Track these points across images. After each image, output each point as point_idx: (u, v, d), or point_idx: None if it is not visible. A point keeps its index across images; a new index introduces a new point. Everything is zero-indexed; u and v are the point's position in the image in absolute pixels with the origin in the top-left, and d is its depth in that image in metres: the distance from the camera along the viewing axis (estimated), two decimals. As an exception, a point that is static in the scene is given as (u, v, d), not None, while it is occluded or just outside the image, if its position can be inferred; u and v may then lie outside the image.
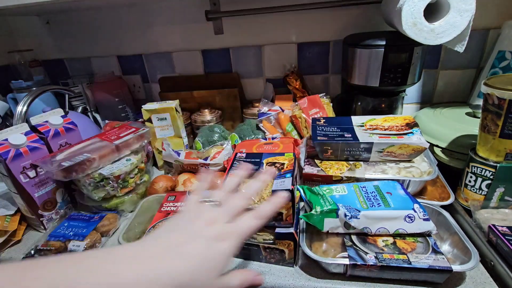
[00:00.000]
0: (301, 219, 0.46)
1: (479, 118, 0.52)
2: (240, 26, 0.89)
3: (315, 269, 0.45)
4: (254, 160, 0.55)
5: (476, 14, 0.53)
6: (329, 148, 0.56)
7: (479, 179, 0.49)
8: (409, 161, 0.56)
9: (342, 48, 0.82)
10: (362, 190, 0.48)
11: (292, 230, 0.43)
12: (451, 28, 0.55)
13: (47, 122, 0.61)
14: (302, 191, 0.48)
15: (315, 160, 0.59)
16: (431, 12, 0.56)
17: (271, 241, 0.44)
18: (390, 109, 0.76)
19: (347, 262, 0.40)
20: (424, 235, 0.43)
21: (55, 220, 0.60)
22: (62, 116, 0.64)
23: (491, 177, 0.48)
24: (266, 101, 0.83)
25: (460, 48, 0.57)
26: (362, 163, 0.57)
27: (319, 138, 0.57)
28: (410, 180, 0.51)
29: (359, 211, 0.43)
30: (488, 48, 0.78)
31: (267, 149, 0.59)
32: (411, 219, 0.42)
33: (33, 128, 0.60)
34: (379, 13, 0.76)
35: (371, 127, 0.58)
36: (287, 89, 0.88)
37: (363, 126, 0.59)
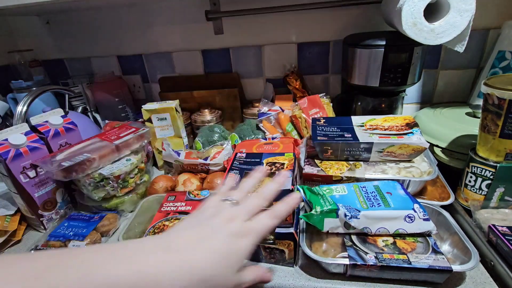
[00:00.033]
0: (301, 219, 0.46)
1: (479, 118, 0.52)
2: (240, 26, 0.89)
3: (315, 269, 0.45)
4: (254, 160, 0.55)
5: (476, 14, 0.53)
6: (329, 148, 0.56)
7: (479, 179, 0.49)
8: (409, 161, 0.56)
9: (342, 48, 0.82)
10: (362, 190, 0.48)
11: (292, 230, 0.43)
12: (451, 28, 0.55)
13: (47, 122, 0.61)
14: (302, 191, 0.47)
15: (315, 160, 0.59)
16: (431, 12, 0.56)
17: (271, 241, 0.44)
18: (390, 109, 0.76)
19: (347, 262, 0.40)
20: (424, 235, 0.43)
21: (55, 220, 0.60)
22: (62, 116, 0.64)
23: (491, 177, 0.48)
24: (266, 101, 0.83)
25: (460, 48, 0.57)
26: (362, 163, 0.57)
27: (319, 138, 0.57)
28: (410, 180, 0.51)
29: (359, 211, 0.43)
30: (488, 48, 0.78)
31: (267, 149, 0.59)
32: (411, 219, 0.42)
33: (33, 128, 0.60)
34: (379, 13, 0.76)
35: (371, 127, 0.58)
36: (287, 89, 0.88)
37: (363, 126, 0.59)
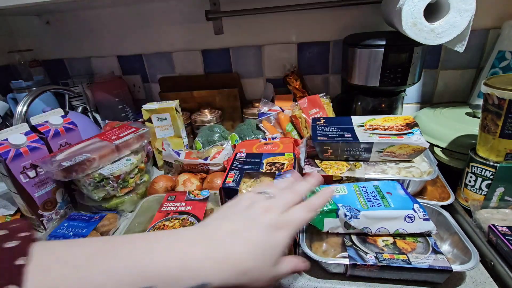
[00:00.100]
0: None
1: (479, 118, 0.52)
2: (240, 26, 0.89)
3: (315, 269, 0.45)
4: (254, 160, 0.55)
5: (476, 14, 0.53)
6: (329, 148, 0.56)
7: (479, 179, 0.49)
8: (409, 161, 0.56)
9: (342, 48, 0.82)
10: (362, 190, 0.48)
11: (292, 230, 0.43)
12: (451, 28, 0.55)
13: (47, 122, 0.61)
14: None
15: (315, 160, 0.59)
16: (431, 12, 0.56)
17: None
18: (390, 109, 0.76)
19: (347, 262, 0.40)
20: (424, 235, 0.43)
21: (55, 220, 0.60)
22: (62, 116, 0.64)
23: (491, 177, 0.48)
24: (266, 101, 0.83)
25: (460, 48, 0.57)
26: (362, 163, 0.57)
27: (319, 138, 0.57)
28: (410, 180, 0.51)
29: (359, 211, 0.43)
30: (488, 48, 0.78)
31: (267, 149, 0.59)
32: (411, 219, 0.42)
33: (33, 128, 0.60)
34: (379, 13, 0.76)
35: (371, 127, 0.58)
36: (287, 89, 0.88)
37: (363, 126, 0.59)
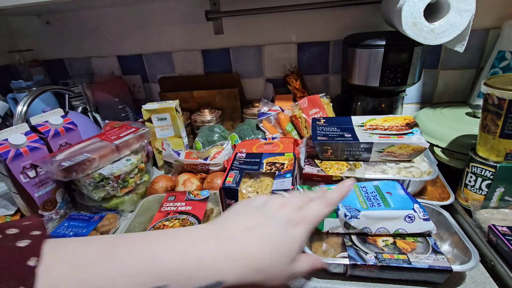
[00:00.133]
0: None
1: (479, 118, 0.52)
2: (240, 26, 0.89)
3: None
4: (254, 160, 0.55)
5: (476, 14, 0.53)
6: (329, 148, 0.56)
7: (479, 179, 0.49)
8: (409, 161, 0.56)
9: (342, 48, 0.82)
10: (362, 190, 0.48)
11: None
12: (451, 28, 0.55)
13: (47, 122, 0.61)
14: (302, 191, 0.48)
15: (315, 160, 0.59)
16: (431, 12, 0.56)
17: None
18: (390, 109, 0.76)
19: (347, 262, 0.40)
20: (424, 235, 0.43)
21: (55, 220, 0.60)
22: (62, 116, 0.64)
23: (491, 177, 0.48)
24: (266, 101, 0.83)
25: (460, 48, 0.57)
26: (362, 163, 0.57)
27: (319, 138, 0.57)
28: (410, 180, 0.51)
29: (359, 211, 0.43)
30: (488, 48, 0.78)
31: (267, 149, 0.59)
32: (411, 219, 0.42)
33: (33, 128, 0.59)
34: (379, 13, 0.76)
35: (371, 127, 0.58)
36: (287, 89, 0.88)
37: (363, 126, 0.59)
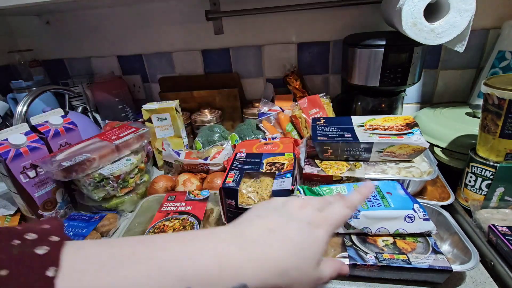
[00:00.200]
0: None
1: (479, 118, 0.52)
2: (240, 26, 0.89)
3: (315, 269, 0.45)
4: (254, 160, 0.55)
5: (476, 14, 0.53)
6: (329, 148, 0.56)
7: (479, 179, 0.49)
8: (409, 161, 0.56)
9: (342, 48, 0.82)
10: (362, 190, 0.48)
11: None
12: (451, 28, 0.55)
13: (47, 122, 0.61)
14: (302, 191, 0.48)
15: (315, 160, 0.59)
16: (431, 12, 0.56)
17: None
18: (390, 109, 0.76)
19: (347, 262, 0.40)
20: (424, 235, 0.43)
21: (55, 220, 0.60)
22: (62, 116, 0.64)
23: (491, 177, 0.48)
24: (266, 101, 0.83)
25: (460, 48, 0.57)
26: (362, 163, 0.57)
27: (319, 138, 0.57)
28: (410, 180, 0.51)
29: (359, 211, 0.43)
30: (488, 48, 0.78)
31: (267, 149, 0.59)
32: (411, 219, 0.42)
33: (33, 128, 0.60)
34: (379, 13, 0.76)
35: (371, 127, 0.58)
36: (287, 89, 0.88)
37: (363, 126, 0.59)
